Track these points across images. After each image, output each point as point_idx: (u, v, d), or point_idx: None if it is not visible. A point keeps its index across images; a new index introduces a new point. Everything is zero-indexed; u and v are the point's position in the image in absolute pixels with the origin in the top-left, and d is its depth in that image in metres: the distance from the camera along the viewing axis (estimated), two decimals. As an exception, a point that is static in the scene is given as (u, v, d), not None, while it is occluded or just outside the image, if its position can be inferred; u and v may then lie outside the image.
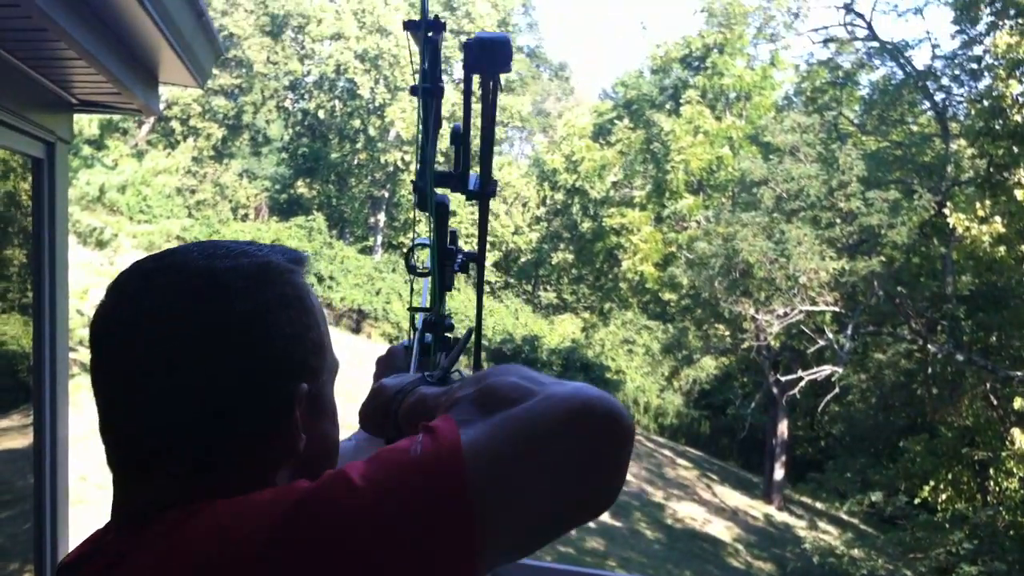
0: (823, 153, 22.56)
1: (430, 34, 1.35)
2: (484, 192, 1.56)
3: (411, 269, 1.74)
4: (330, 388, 1.13)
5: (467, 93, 1.43)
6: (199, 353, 0.98)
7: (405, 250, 1.60)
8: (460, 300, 38.46)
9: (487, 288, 41.24)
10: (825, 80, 26.39)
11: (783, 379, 23.03)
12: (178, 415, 0.98)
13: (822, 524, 23.50)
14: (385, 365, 1.75)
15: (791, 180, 21.96)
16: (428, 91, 1.35)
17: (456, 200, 1.63)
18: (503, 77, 1.42)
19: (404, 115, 42.62)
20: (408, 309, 1.74)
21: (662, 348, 29.99)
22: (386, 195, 43.94)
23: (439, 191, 1.50)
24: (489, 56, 1.32)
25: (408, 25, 1.33)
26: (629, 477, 23.72)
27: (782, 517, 24.09)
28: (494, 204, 42.99)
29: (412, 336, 1.77)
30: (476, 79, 1.42)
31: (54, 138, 4.19)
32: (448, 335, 1.76)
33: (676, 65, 34.70)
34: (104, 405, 1.02)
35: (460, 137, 1.46)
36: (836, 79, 25.84)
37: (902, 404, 22.02)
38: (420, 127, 1.38)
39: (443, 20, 1.35)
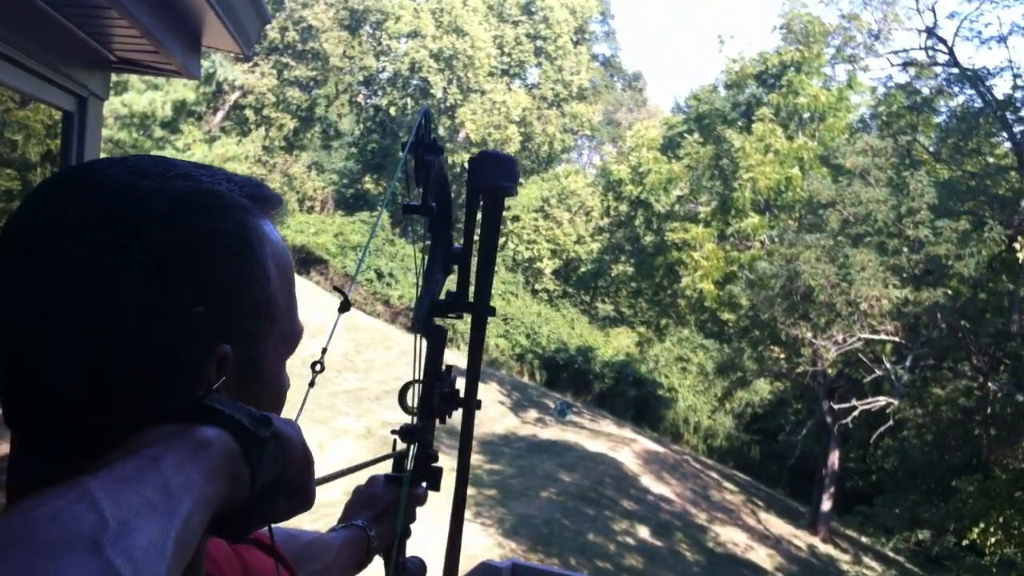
0: (894, 178, 22.06)
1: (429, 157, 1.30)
2: (481, 312, 1.44)
3: (404, 407, 1.54)
4: (277, 358, 0.95)
5: (470, 210, 1.38)
6: (86, 288, 0.79)
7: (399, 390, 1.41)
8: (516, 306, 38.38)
9: (545, 296, 41.08)
10: (902, 104, 25.78)
11: (837, 407, 22.51)
12: (49, 368, 0.80)
13: (867, 559, 22.98)
14: (360, 499, 1.63)
15: (859, 204, 21.49)
16: (424, 211, 1.31)
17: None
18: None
19: (475, 117, 42.66)
20: (392, 433, 1.52)
21: (716, 368, 29.56)
22: (452, 195, 43.94)
23: (438, 321, 1.43)
24: (495, 173, 1.26)
25: (406, 147, 1.25)
26: (673, 496, 23.52)
27: (826, 549, 23.57)
28: (558, 212, 42.96)
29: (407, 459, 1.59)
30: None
31: (87, 92, 4.08)
32: (434, 464, 1.59)
33: (751, 81, 34.22)
34: None
35: (461, 258, 1.41)
36: (914, 104, 25.20)
37: (958, 442, 21.43)
38: (418, 256, 1.36)
39: (441, 143, 1.31)
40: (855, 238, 21.50)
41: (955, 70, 23.16)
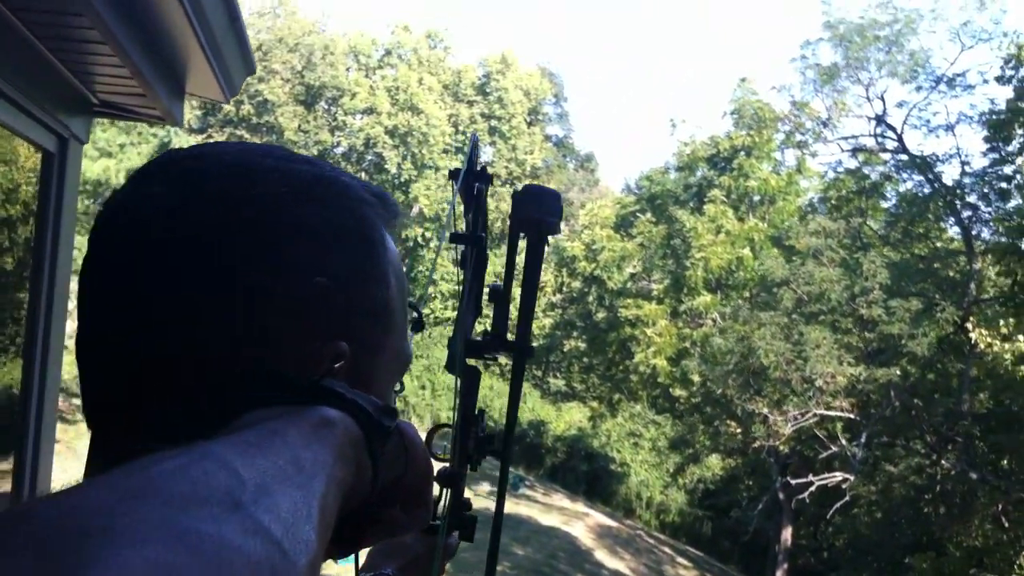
0: (847, 259, 22.46)
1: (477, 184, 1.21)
2: (522, 353, 1.39)
3: (431, 452, 1.46)
4: (389, 380, 0.88)
5: (511, 247, 1.27)
6: (184, 269, 0.73)
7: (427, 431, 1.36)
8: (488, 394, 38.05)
9: (496, 371, 40.96)
10: (851, 189, 26.37)
11: (793, 483, 22.61)
12: (155, 345, 0.73)
13: (821, 638, 22.88)
14: (387, 548, 1.48)
15: (812, 282, 21.84)
16: (469, 239, 1.20)
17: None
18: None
19: (429, 192, 42.90)
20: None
21: (669, 443, 29.58)
22: (404, 269, 43.98)
23: (471, 362, 1.32)
24: (539, 208, 1.18)
25: (453, 175, 1.17)
26: (627, 571, 23.37)
27: (781, 627, 23.42)
28: (512, 287, 42.77)
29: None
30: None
31: (68, 134, 4.03)
32: (468, 512, 1.48)
33: (702, 164, 34.82)
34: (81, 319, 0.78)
35: (500, 296, 1.30)
36: (863, 188, 25.81)
37: (909, 520, 21.53)
38: (461, 283, 1.21)
39: (491, 172, 1.23)
40: (809, 316, 21.78)
41: (904, 156, 23.83)
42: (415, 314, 1.20)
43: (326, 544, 0.55)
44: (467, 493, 1.43)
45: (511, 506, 26.38)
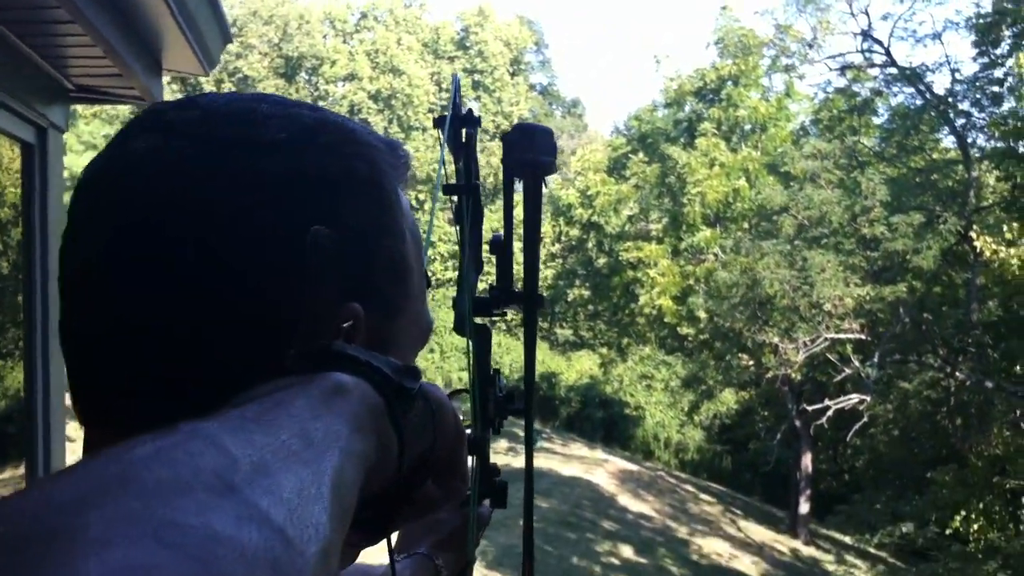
0: (844, 179, 22.32)
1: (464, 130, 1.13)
2: (532, 302, 1.28)
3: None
4: (411, 348, 0.80)
5: (507, 192, 1.19)
6: (179, 225, 0.64)
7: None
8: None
9: (502, 326, 40.96)
10: (842, 109, 26.13)
11: (809, 409, 22.65)
12: (135, 313, 0.64)
13: (850, 558, 23.05)
14: (420, 524, 1.40)
15: (812, 207, 21.70)
16: (463, 189, 1.12)
17: None
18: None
19: (418, 154, 42.67)
20: None
21: (682, 383, 29.64)
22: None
23: (479, 320, 1.23)
24: (533, 148, 1.09)
25: (439, 122, 1.08)
26: (652, 513, 23.48)
27: (809, 551, 23.60)
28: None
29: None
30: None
31: (47, 123, 3.93)
32: (498, 479, 1.42)
33: (690, 98, 34.52)
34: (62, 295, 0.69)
35: (502, 246, 1.21)
36: (854, 106, 25.57)
37: (927, 435, 21.60)
38: (460, 236, 1.15)
39: (478, 114, 1.14)
40: (811, 241, 21.67)
41: (893, 70, 23.55)
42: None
43: (345, 528, 0.48)
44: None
45: (530, 459, 26.48)
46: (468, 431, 1.30)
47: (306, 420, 0.49)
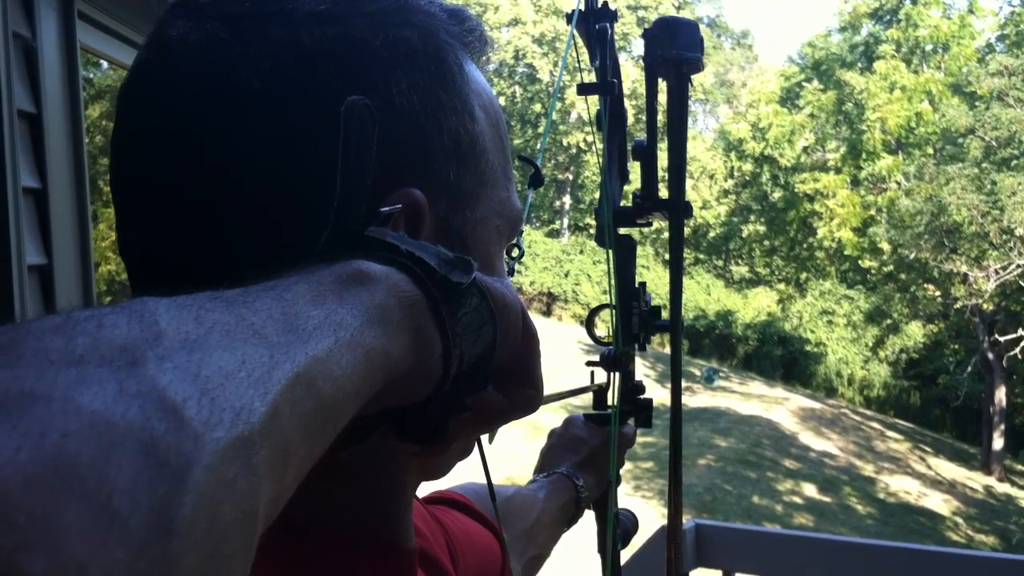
0: (1035, 96, 21.20)
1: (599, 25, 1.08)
2: (678, 211, 1.20)
3: (593, 337, 1.32)
4: (491, 242, 0.71)
5: (651, 93, 1.12)
6: (215, 106, 0.60)
7: (584, 318, 1.25)
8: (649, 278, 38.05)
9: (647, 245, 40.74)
10: (1031, 21, 24.71)
11: (1002, 339, 21.80)
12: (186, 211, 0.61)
13: (1048, 495, 22.13)
14: (561, 444, 1.37)
15: (1000, 127, 20.74)
16: (601, 89, 1.08)
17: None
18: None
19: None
20: (588, 365, 1.28)
21: (865, 317, 28.88)
22: (570, 177, 44.12)
23: (623, 231, 1.21)
24: (676, 44, 1.04)
25: (570, 17, 1.05)
26: (835, 451, 22.99)
27: (1003, 488, 22.75)
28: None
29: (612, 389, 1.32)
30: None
31: None
32: (642, 397, 1.35)
33: (866, 20, 33.29)
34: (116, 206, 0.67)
35: (645, 152, 1.15)
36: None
37: None
38: (600, 138, 1.11)
39: (615, 8, 1.08)
40: (1000, 163, 20.79)
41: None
42: (532, 168, 1.03)
43: (322, 427, 0.42)
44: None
45: (708, 399, 26.31)
46: (611, 347, 1.24)
47: (301, 304, 0.44)
